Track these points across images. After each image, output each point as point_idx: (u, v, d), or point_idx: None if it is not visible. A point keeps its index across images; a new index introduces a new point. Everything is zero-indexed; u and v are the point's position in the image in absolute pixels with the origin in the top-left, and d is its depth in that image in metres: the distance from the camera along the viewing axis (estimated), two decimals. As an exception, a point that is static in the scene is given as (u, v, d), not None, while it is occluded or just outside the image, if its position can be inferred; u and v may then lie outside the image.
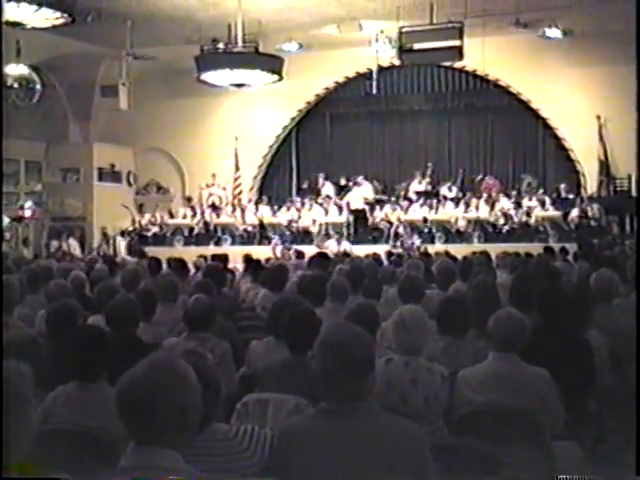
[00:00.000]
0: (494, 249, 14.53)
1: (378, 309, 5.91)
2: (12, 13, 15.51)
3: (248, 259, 12.91)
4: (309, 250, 16.49)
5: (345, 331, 3.19)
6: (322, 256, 12.41)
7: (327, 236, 21.54)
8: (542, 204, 21.34)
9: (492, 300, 5.99)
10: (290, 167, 26.70)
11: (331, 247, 19.89)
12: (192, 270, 11.91)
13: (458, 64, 22.05)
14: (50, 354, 4.43)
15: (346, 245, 20.57)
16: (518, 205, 21.67)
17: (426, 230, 21.37)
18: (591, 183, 22.36)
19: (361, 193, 23.37)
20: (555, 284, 7.25)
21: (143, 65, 22.77)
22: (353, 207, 22.98)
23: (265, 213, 23.62)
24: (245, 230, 23.25)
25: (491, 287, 6.87)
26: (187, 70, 21.08)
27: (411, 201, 22.91)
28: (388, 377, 4.42)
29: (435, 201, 22.52)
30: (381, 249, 17.04)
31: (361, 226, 22.65)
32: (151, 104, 24.77)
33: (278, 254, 19.00)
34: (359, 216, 22.79)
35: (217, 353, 5.16)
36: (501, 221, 21.40)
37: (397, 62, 20.22)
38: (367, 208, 23.02)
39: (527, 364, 4.60)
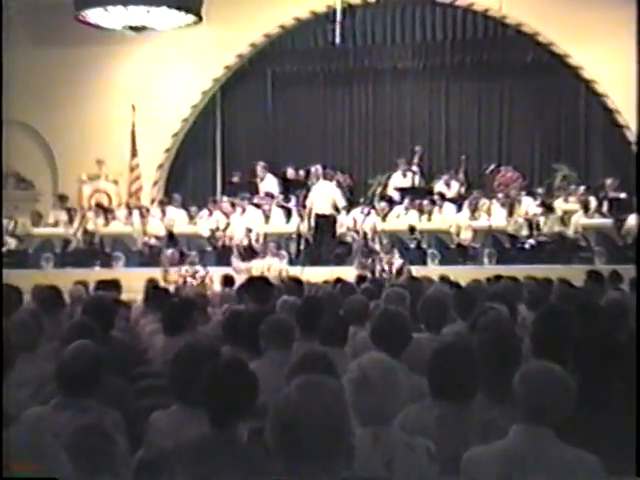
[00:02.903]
0: (514, 273, 14.62)
1: (339, 360, 5.89)
2: None
3: (152, 287, 12.89)
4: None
5: (302, 391, 3.16)
6: (261, 282, 12.41)
7: (263, 253, 21.15)
8: (584, 207, 21.49)
9: (510, 350, 6.00)
10: (213, 152, 26.73)
11: (274, 266, 19.68)
12: (68, 303, 11.84)
13: (461, 1, 22.23)
14: None
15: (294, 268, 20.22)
16: (549, 209, 21.79)
17: (413, 245, 21.38)
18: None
19: (329, 193, 23.24)
20: (602, 326, 7.30)
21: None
22: (319, 212, 22.80)
23: (177, 219, 23.53)
24: (146, 244, 23.16)
25: (508, 330, 6.90)
26: (62, 6, 21.01)
27: (392, 202, 23.00)
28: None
29: (427, 202, 22.54)
30: (349, 273, 17.08)
31: (323, 239, 22.64)
32: (8, 55, 24.63)
33: (195, 279, 18.97)
34: (322, 225, 22.68)
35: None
36: (524, 232, 21.52)
37: (372, -2, 20.37)
38: (336, 214, 22.85)
39: (565, 444, 4.59)
